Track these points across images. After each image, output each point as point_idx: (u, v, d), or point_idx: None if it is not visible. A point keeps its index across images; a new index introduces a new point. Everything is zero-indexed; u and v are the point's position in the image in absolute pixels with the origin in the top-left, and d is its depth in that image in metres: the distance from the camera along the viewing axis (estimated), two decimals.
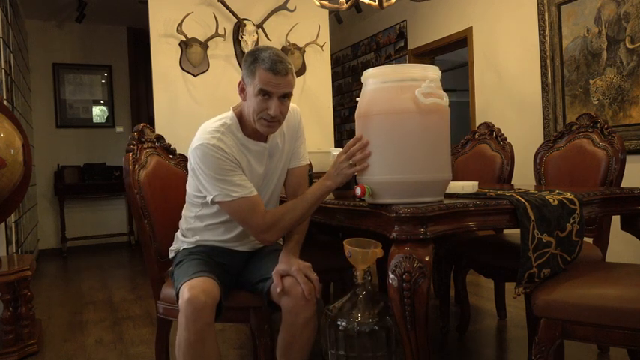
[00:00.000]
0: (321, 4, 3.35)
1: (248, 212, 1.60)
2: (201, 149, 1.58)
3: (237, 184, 1.59)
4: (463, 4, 4.70)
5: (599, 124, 2.22)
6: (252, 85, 1.58)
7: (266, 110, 1.58)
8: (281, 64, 1.56)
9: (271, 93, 1.57)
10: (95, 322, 3.08)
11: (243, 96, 1.64)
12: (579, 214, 1.54)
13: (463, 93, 6.30)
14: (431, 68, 1.49)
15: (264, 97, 1.57)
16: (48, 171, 5.94)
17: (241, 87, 1.65)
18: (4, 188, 2.64)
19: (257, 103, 1.57)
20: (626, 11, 3.29)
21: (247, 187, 1.60)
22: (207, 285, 1.50)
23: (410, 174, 1.43)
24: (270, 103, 1.57)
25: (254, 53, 1.60)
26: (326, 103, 4.96)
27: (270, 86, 1.56)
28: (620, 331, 1.30)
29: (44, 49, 5.98)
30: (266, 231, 1.61)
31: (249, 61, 1.60)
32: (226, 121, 1.66)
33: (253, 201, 1.60)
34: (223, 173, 1.58)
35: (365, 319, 1.57)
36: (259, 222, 1.60)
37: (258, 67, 1.56)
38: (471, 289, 3.27)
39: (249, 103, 1.61)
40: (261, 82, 1.55)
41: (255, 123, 1.61)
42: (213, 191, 1.59)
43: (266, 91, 1.56)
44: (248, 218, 1.61)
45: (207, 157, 1.57)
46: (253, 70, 1.57)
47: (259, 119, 1.60)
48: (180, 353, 1.48)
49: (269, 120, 1.59)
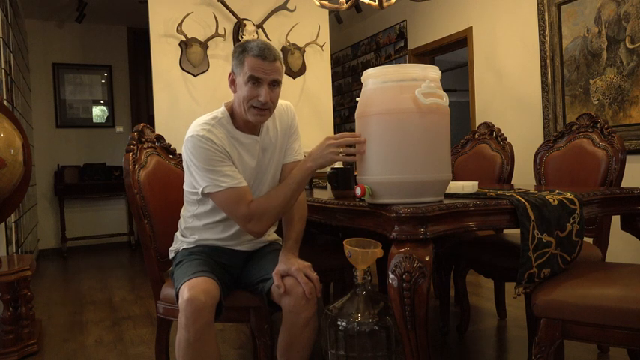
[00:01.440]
0: (321, 4, 3.35)
1: (235, 202, 1.60)
2: (191, 141, 1.61)
3: (226, 174, 1.60)
4: (463, 4, 4.70)
5: (599, 124, 2.22)
6: (242, 74, 1.61)
7: (256, 97, 1.60)
8: (268, 50, 1.60)
9: (261, 79, 1.59)
10: (95, 322, 3.08)
11: (234, 87, 1.67)
12: (579, 214, 1.54)
13: (463, 93, 6.31)
14: (431, 68, 1.49)
15: (254, 85, 1.60)
16: (48, 171, 5.94)
17: (231, 79, 1.67)
18: (4, 188, 2.64)
19: (247, 90, 1.60)
20: (626, 11, 3.29)
21: (236, 177, 1.61)
22: (207, 285, 1.50)
23: (410, 174, 1.43)
24: (260, 89, 1.60)
25: (242, 45, 1.64)
26: (326, 103, 4.96)
27: (260, 72, 1.59)
28: (620, 331, 1.30)
29: (44, 49, 5.98)
30: (251, 219, 1.60)
31: (237, 52, 1.64)
32: (217, 115, 1.69)
33: (241, 191, 1.60)
34: (212, 164, 1.59)
35: (365, 319, 1.57)
36: (245, 211, 1.59)
37: (246, 55, 1.60)
38: (471, 289, 3.27)
39: (239, 92, 1.63)
40: (250, 69, 1.58)
41: (246, 112, 1.63)
42: (203, 182, 1.61)
43: (255, 78, 1.59)
44: (235, 208, 1.60)
45: (197, 148, 1.60)
46: (242, 59, 1.61)
47: (250, 107, 1.62)
48: (180, 353, 1.48)
49: (260, 107, 1.61)
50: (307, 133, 4.73)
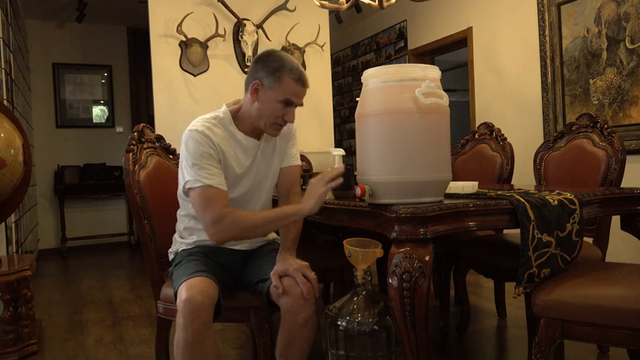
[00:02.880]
0: (321, 4, 3.35)
1: (209, 201, 1.57)
2: (189, 134, 1.63)
3: (212, 173, 1.60)
4: (463, 4, 4.70)
5: (599, 124, 2.22)
6: (277, 91, 1.61)
7: (282, 117, 1.65)
8: (305, 76, 1.66)
9: (293, 103, 1.65)
10: (95, 322, 3.08)
11: (256, 96, 1.65)
12: (579, 214, 1.54)
13: (463, 93, 6.31)
14: (431, 68, 1.49)
15: (286, 106, 1.64)
16: (48, 171, 5.94)
17: (255, 88, 1.64)
18: (4, 188, 2.64)
19: (277, 109, 1.63)
20: (626, 11, 3.29)
21: (221, 181, 1.62)
22: (205, 285, 1.50)
23: (410, 174, 1.43)
24: (288, 110, 1.65)
25: (280, 61, 1.62)
26: (326, 103, 4.96)
27: (295, 97, 1.64)
28: (620, 331, 1.30)
29: (44, 49, 5.98)
30: (220, 222, 1.55)
31: (273, 66, 1.61)
32: (219, 114, 1.71)
33: (220, 193, 1.59)
34: (202, 160, 1.60)
35: (365, 319, 1.57)
36: (217, 213, 1.55)
37: (285, 75, 1.60)
38: (471, 289, 3.27)
39: (264, 106, 1.64)
40: (289, 92, 1.62)
41: (266, 127, 1.66)
42: (188, 176, 1.61)
43: (290, 102, 1.64)
44: (207, 206, 1.56)
45: (191, 140, 1.62)
46: (280, 77, 1.60)
47: (272, 124, 1.66)
48: (178, 353, 1.48)
49: (281, 124, 1.67)
50: (307, 133, 4.74)
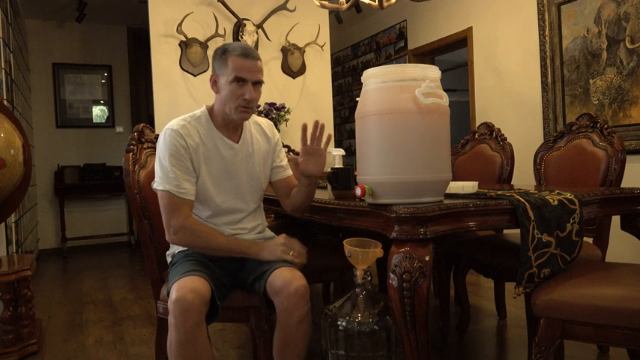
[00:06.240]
0: (321, 4, 3.34)
1: (171, 209, 1.62)
2: (163, 133, 1.68)
3: (177, 178, 1.63)
4: (463, 4, 4.70)
5: (599, 124, 2.22)
6: (226, 74, 1.65)
7: (242, 96, 1.65)
8: (251, 50, 1.67)
9: (246, 79, 1.64)
10: (95, 322, 3.08)
11: (216, 89, 1.71)
12: (579, 214, 1.54)
13: (463, 93, 6.31)
14: (431, 68, 1.49)
15: (239, 84, 1.64)
16: (48, 171, 5.94)
17: (213, 80, 1.71)
18: (4, 188, 2.64)
19: (234, 91, 1.65)
20: (626, 11, 3.29)
21: (184, 187, 1.64)
22: (196, 284, 1.48)
23: (410, 174, 1.43)
24: (245, 89, 1.65)
25: (223, 47, 1.69)
26: (326, 103, 4.96)
27: (244, 71, 1.64)
28: (620, 331, 1.30)
29: (44, 49, 5.98)
30: (180, 231, 1.62)
31: (219, 54, 1.69)
32: (196, 113, 1.76)
33: (181, 202, 1.63)
34: (171, 160, 1.63)
35: (365, 319, 1.57)
36: (180, 222, 1.62)
37: (229, 55, 1.65)
38: (471, 289, 3.27)
39: (223, 93, 1.68)
40: (235, 69, 1.64)
41: (232, 112, 1.68)
42: (156, 176, 1.66)
43: (241, 78, 1.64)
44: (172, 214, 1.62)
45: (165, 140, 1.66)
46: (225, 59, 1.66)
47: (236, 107, 1.66)
48: (171, 354, 1.47)
49: (245, 105, 1.67)
50: None
